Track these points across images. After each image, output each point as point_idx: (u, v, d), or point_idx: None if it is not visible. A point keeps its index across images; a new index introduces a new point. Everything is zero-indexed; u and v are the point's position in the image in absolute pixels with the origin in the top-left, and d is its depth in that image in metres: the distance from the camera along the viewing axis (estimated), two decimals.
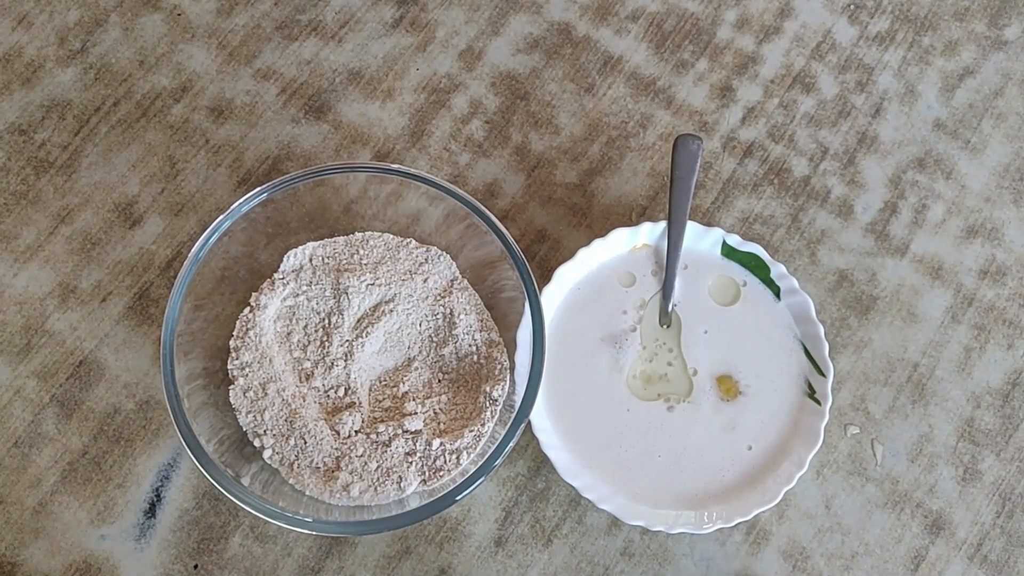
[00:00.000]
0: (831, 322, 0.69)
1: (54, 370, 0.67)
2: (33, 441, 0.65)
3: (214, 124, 0.74)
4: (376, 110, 0.74)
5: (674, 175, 0.68)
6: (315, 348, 0.65)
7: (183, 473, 0.65)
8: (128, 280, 0.69)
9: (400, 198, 0.66)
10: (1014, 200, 0.73)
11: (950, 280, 0.71)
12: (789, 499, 0.65)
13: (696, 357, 0.67)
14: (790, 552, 0.65)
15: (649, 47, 0.77)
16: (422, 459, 0.62)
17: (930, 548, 0.65)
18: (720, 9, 0.78)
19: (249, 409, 0.63)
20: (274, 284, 0.66)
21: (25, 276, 0.69)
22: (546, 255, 0.71)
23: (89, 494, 0.65)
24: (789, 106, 0.76)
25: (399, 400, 0.64)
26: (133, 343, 0.68)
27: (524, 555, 0.64)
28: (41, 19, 0.76)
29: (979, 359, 0.69)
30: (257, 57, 0.76)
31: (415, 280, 0.67)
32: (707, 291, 0.68)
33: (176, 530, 0.64)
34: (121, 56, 0.75)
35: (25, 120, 0.73)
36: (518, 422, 0.59)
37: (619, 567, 0.64)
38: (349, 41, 0.76)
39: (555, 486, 0.66)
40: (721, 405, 0.66)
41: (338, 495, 0.61)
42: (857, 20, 0.78)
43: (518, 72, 0.76)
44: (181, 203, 0.71)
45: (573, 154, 0.74)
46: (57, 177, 0.72)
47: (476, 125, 0.74)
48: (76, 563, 0.63)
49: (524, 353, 0.62)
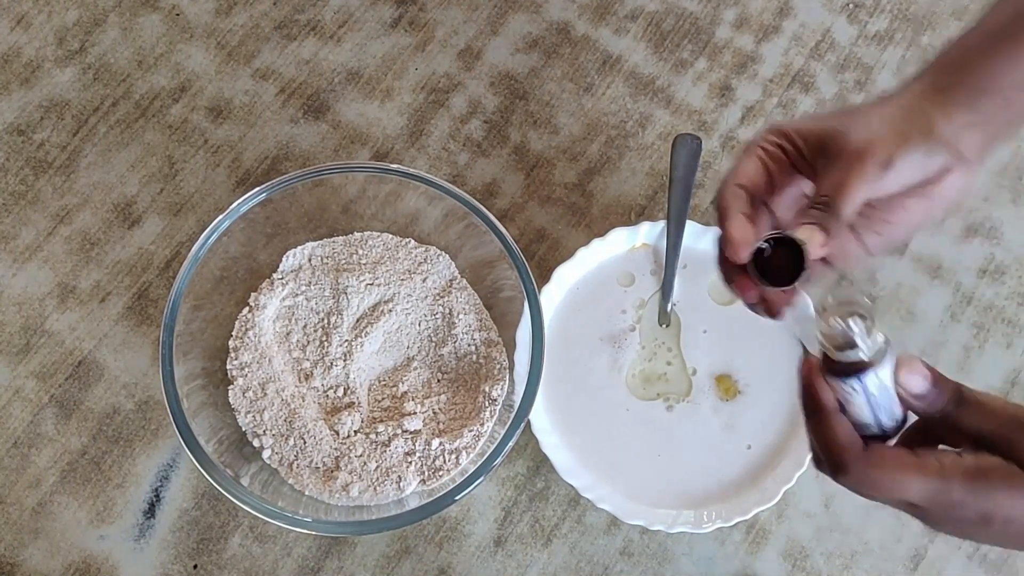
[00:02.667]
0: None
1: (53, 370, 0.67)
2: (32, 441, 0.65)
3: (213, 124, 0.74)
4: (375, 110, 0.74)
5: (673, 175, 0.68)
6: (314, 348, 0.65)
7: (182, 473, 0.65)
8: (127, 280, 0.69)
9: (399, 198, 0.66)
10: (1012, 199, 0.73)
11: (949, 279, 0.71)
12: (788, 498, 0.65)
13: (695, 357, 0.67)
14: (790, 551, 0.65)
15: (648, 46, 0.77)
16: (421, 459, 0.62)
17: (930, 547, 0.65)
18: (719, 8, 0.78)
19: (248, 409, 0.63)
20: (273, 284, 0.66)
21: (24, 276, 0.69)
22: (545, 255, 0.71)
23: (88, 494, 0.65)
24: (788, 105, 0.76)
25: (398, 400, 0.64)
26: (132, 343, 0.68)
27: (524, 554, 0.64)
28: (40, 19, 0.76)
29: (978, 358, 0.69)
30: (256, 57, 0.75)
31: (414, 280, 0.67)
32: (706, 290, 0.68)
33: (175, 530, 0.64)
34: (120, 56, 0.75)
35: (24, 120, 0.73)
36: (517, 422, 0.59)
37: (618, 567, 0.64)
38: (348, 41, 0.76)
39: (554, 486, 0.66)
40: (720, 404, 0.66)
41: (337, 495, 0.61)
42: (856, 19, 0.78)
43: (517, 72, 0.76)
44: (180, 203, 0.71)
45: (572, 154, 0.74)
46: (56, 177, 0.72)
47: (475, 125, 0.74)
48: (75, 563, 0.63)
49: (523, 353, 0.62)
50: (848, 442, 0.42)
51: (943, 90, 0.49)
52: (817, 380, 0.42)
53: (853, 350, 0.40)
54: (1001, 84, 0.49)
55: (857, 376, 0.41)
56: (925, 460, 0.41)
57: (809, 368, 0.43)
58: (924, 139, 0.48)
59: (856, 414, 0.42)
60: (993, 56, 0.49)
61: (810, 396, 0.43)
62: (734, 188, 0.50)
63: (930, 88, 0.50)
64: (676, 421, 0.65)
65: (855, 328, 0.40)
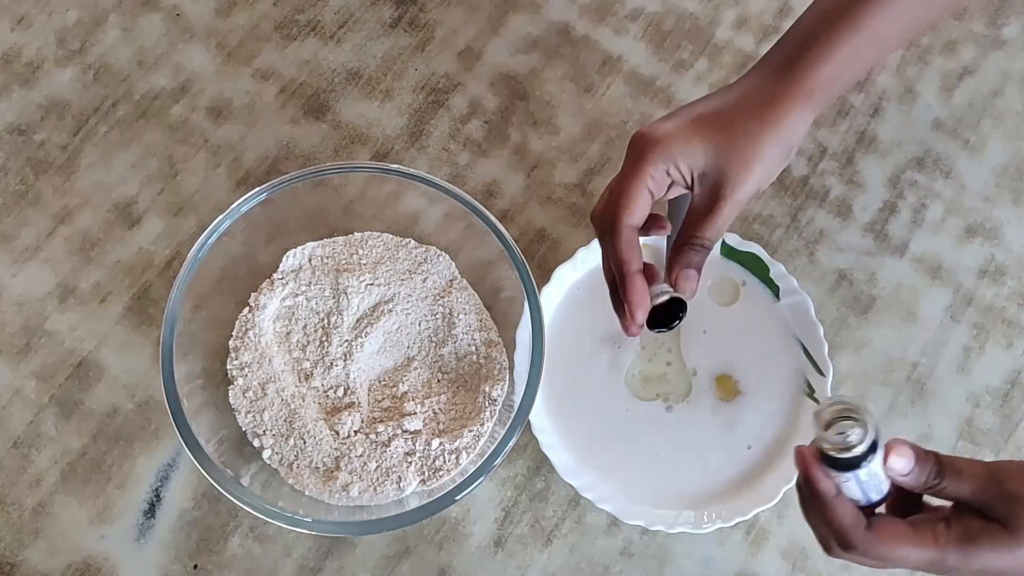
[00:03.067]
0: (830, 322, 0.69)
1: (53, 370, 0.67)
2: (33, 441, 0.65)
3: (213, 124, 0.74)
4: (375, 110, 0.74)
5: None
6: (314, 348, 0.65)
7: (183, 473, 0.65)
8: (127, 280, 0.69)
9: (399, 198, 0.66)
10: (1013, 199, 0.73)
11: (949, 280, 0.71)
12: (788, 498, 0.65)
13: (695, 357, 0.67)
14: (789, 552, 0.65)
15: (648, 47, 0.77)
16: (421, 459, 0.62)
17: None
18: (719, 9, 0.78)
19: (248, 409, 0.63)
20: (273, 284, 0.66)
21: (24, 276, 0.69)
22: (545, 255, 0.71)
23: (89, 494, 0.65)
24: None
25: (398, 400, 0.64)
26: (133, 343, 0.68)
27: (524, 555, 0.64)
28: (40, 19, 0.76)
29: (978, 358, 0.69)
30: (256, 57, 0.75)
31: (414, 280, 0.67)
32: (706, 291, 0.68)
33: (176, 530, 0.64)
34: (120, 56, 0.75)
35: (24, 120, 0.73)
36: (517, 422, 0.59)
37: (619, 567, 0.64)
38: (348, 41, 0.76)
39: (555, 486, 0.66)
40: (720, 405, 0.66)
41: (337, 495, 0.61)
42: None
43: (517, 72, 0.76)
44: (180, 203, 0.71)
45: (572, 154, 0.74)
46: (56, 177, 0.72)
47: (475, 125, 0.74)
48: (76, 563, 0.63)
49: (523, 353, 0.62)
50: (853, 522, 0.46)
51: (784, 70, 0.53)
52: (815, 471, 0.46)
53: (849, 451, 0.45)
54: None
55: (852, 470, 0.45)
56: (922, 532, 0.46)
57: (805, 460, 0.46)
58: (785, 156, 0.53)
59: (848, 495, 0.46)
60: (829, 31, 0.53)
61: (810, 485, 0.46)
62: (629, 236, 0.53)
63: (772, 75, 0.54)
64: (676, 421, 0.65)
65: (851, 435, 0.45)
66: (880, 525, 0.46)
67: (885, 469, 0.46)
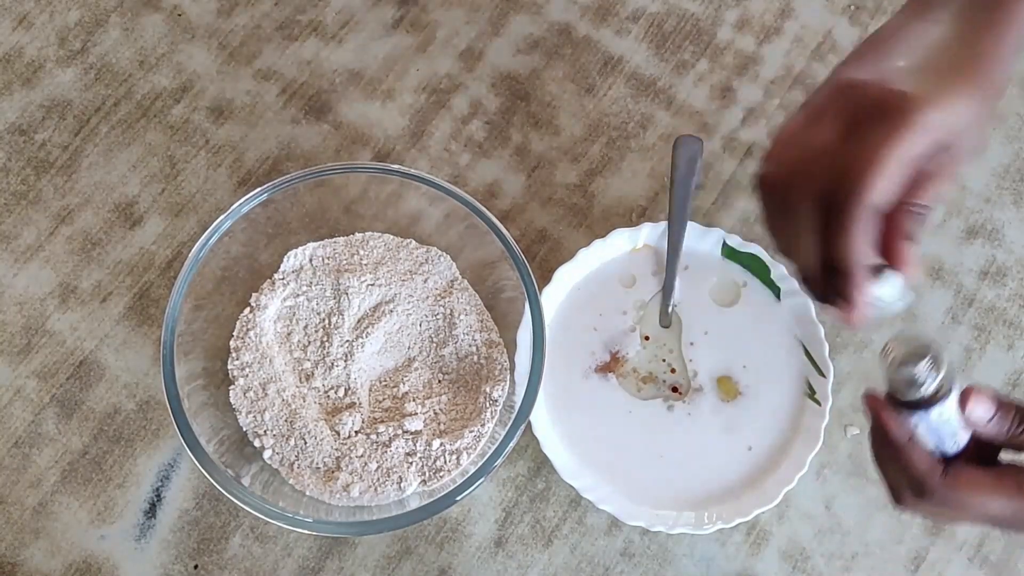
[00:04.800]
0: (831, 323, 0.69)
1: (54, 370, 0.67)
2: (33, 441, 0.65)
3: (214, 124, 0.74)
4: (376, 110, 0.74)
5: (674, 176, 0.68)
6: (315, 348, 0.65)
7: (183, 473, 0.65)
8: (128, 280, 0.69)
9: (400, 198, 0.66)
10: (1014, 201, 0.73)
11: (950, 281, 0.71)
12: (789, 499, 0.65)
13: (696, 358, 0.67)
14: (790, 552, 0.65)
15: (649, 47, 0.77)
16: (422, 459, 0.62)
17: (930, 549, 0.65)
18: (720, 10, 0.78)
19: (249, 409, 0.63)
20: (274, 284, 0.66)
21: (25, 276, 0.69)
22: (546, 256, 0.71)
23: (89, 494, 0.65)
24: (790, 107, 0.76)
25: (399, 400, 0.64)
26: (133, 343, 0.68)
27: (524, 555, 0.64)
28: (41, 19, 0.76)
29: (979, 360, 0.69)
30: (257, 57, 0.76)
31: (415, 280, 0.67)
32: (707, 292, 0.68)
33: (176, 530, 0.64)
34: (121, 56, 0.75)
35: (25, 120, 0.73)
36: (518, 423, 0.59)
37: (619, 567, 0.64)
38: (349, 41, 0.76)
39: (555, 486, 0.66)
40: (721, 406, 0.66)
41: (338, 495, 0.61)
42: (858, 21, 0.78)
43: (518, 72, 0.76)
44: (181, 203, 0.71)
45: (573, 155, 0.74)
46: (57, 177, 0.72)
47: (476, 125, 0.74)
48: (76, 563, 0.63)
49: (524, 353, 0.62)
50: (928, 468, 0.44)
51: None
52: (887, 416, 0.44)
53: (918, 389, 0.43)
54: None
55: (922, 410, 0.43)
56: (1004, 481, 0.43)
57: (876, 404, 0.44)
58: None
59: (920, 443, 0.44)
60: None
61: (882, 431, 0.44)
62: (864, 226, 0.41)
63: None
64: (677, 422, 0.65)
65: (920, 370, 0.42)
66: (959, 471, 0.43)
67: (964, 417, 0.43)
